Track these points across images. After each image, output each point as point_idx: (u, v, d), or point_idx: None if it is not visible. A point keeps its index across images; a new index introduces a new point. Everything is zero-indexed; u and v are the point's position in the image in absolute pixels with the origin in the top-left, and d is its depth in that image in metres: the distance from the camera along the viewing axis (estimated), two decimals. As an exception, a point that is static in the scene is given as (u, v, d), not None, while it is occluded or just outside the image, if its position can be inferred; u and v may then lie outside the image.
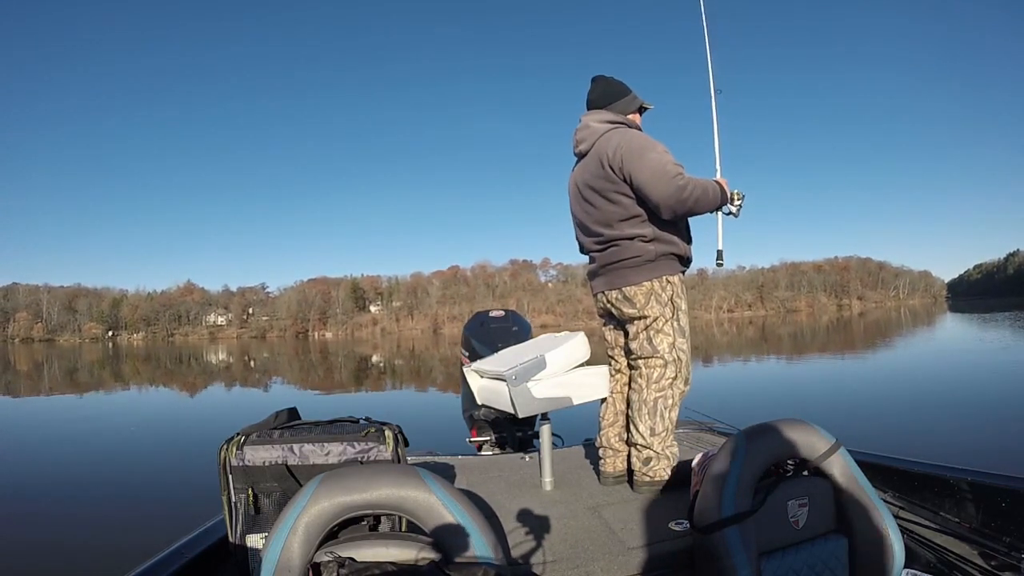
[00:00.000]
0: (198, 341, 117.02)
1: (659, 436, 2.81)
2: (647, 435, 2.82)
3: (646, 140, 2.84)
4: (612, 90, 3.08)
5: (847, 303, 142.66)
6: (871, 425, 8.17)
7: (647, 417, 2.83)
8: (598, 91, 3.09)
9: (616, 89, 3.08)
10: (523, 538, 2.34)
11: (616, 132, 2.92)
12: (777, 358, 22.39)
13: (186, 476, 6.95)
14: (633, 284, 2.87)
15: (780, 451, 1.86)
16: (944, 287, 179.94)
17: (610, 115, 3.01)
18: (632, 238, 2.87)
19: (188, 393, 19.54)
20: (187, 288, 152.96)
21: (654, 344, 2.85)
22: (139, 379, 26.17)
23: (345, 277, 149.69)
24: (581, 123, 3.08)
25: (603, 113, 3.03)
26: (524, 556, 2.18)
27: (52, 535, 5.30)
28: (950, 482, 2.27)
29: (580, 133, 3.07)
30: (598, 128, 2.98)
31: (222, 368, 32.14)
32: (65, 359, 46.68)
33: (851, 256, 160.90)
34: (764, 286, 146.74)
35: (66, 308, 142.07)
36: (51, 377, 28.31)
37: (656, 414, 2.82)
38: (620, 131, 2.92)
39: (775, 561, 1.78)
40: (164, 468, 7.98)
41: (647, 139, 2.85)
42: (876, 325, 41.45)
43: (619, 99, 3.06)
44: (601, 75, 3.13)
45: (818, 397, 11.29)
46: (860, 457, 2.41)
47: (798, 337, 34.21)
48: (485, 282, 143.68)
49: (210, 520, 2.36)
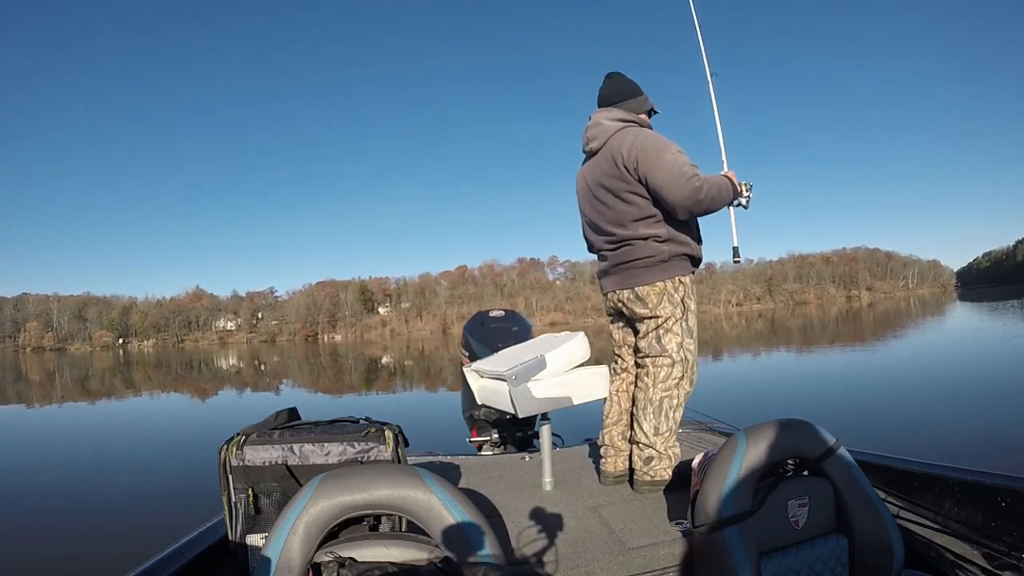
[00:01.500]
0: (208, 346, 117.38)
1: (662, 436, 2.81)
2: (651, 434, 2.82)
3: (661, 140, 2.82)
4: (625, 88, 3.05)
5: (856, 294, 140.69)
6: (873, 424, 8.13)
7: (652, 416, 2.83)
8: (611, 88, 3.07)
9: (629, 87, 3.06)
10: (523, 538, 2.35)
11: (629, 131, 2.89)
12: (783, 352, 22.23)
13: (196, 477, 6.97)
14: (646, 284, 2.87)
15: (780, 451, 1.86)
16: (953, 276, 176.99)
17: (622, 113, 2.98)
18: (646, 238, 2.86)
19: (199, 397, 19.61)
20: (196, 294, 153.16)
21: (663, 343, 2.85)
22: (150, 385, 26.21)
23: (353, 279, 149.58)
24: (592, 120, 3.04)
25: (615, 111, 3.00)
26: (524, 556, 2.18)
27: (52, 535, 5.29)
28: (950, 482, 2.26)
29: (591, 131, 3.03)
30: (610, 126, 2.95)
31: (232, 372, 32.21)
32: (76, 367, 46.87)
33: (859, 247, 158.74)
34: (772, 279, 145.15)
35: (76, 317, 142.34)
36: (62, 385, 28.40)
37: (661, 413, 2.82)
38: (634, 130, 2.90)
39: (775, 561, 1.79)
40: (174, 470, 7.99)
41: (662, 139, 2.83)
42: (885, 316, 41.14)
43: (632, 97, 3.04)
44: (615, 72, 3.10)
45: (821, 395, 11.19)
46: (860, 457, 2.40)
47: (807, 330, 33.91)
48: (493, 281, 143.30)
49: (210, 520, 2.36)
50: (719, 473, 1.82)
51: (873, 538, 1.86)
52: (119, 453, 9.72)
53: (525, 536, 2.37)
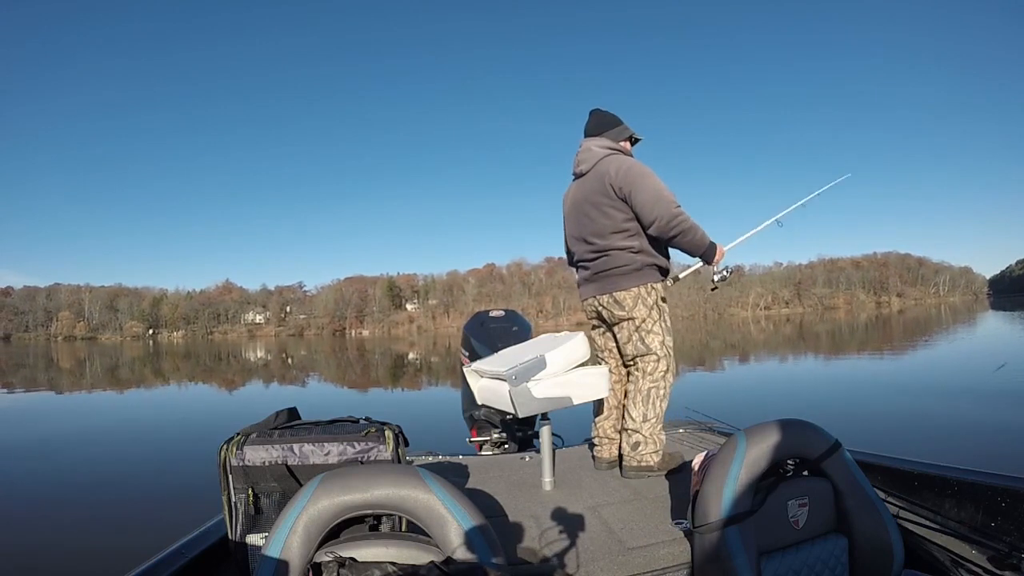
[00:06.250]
0: (237, 339, 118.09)
1: (649, 422, 3.15)
2: (639, 420, 3.16)
3: (644, 167, 3.21)
4: (605, 120, 3.49)
5: (886, 300, 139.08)
6: (877, 426, 8.10)
7: (640, 404, 3.18)
8: (594, 121, 3.50)
9: (608, 120, 3.49)
10: (523, 538, 2.35)
11: (616, 157, 3.30)
12: (801, 357, 21.65)
13: (208, 475, 6.93)
14: (623, 289, 3.24)
15: (780, 451, 1.87)
16: (985, 283, 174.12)
17: (607, 141, 3.40)
18: (622, 249, 3.24)
19: (225, 388, 19.73)
20: (226, 287, 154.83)
21: (647, 343, 3.22)
22: (178, 375, 26.45)
23: (381, 275, 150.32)
24: (583, 147, 3.45)
25: (601, 139, 3.42)
26: (524, 556, 2.19)
27: (54, 534, 5.23)
28: (950, 482, 2.26)
29: (581, 155, 3.44)
30: (598, 152, 3.36)
31: (259, 365, 32.40)
32: (106, 356, 47.12)
33: (890, 252, 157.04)
34: (801, 283, 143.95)
35: (107, 307, 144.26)
36: (92, 373, 28.67)
37: (649, 402, 3.17)
38: (619, 157, 3.31)
39: (775, 561, 1.79)
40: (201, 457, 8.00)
41: (645, 167, 3.22)
42: (915, 323, 40.38)
43: (611, 128, 3.46)
44: (597, 108, 3.53)
45: (825, 397, 11.06)
46: (860, 457, 2.41)
47: (834, 336, 33.24)
48: (521, 279, 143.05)
49: (210, 520, 2.38)
50: (719, 473, 1.82)
51: (873, 538, 1.86)
52: (139, 442, 9.69)
53: (525, 536, 2.38)
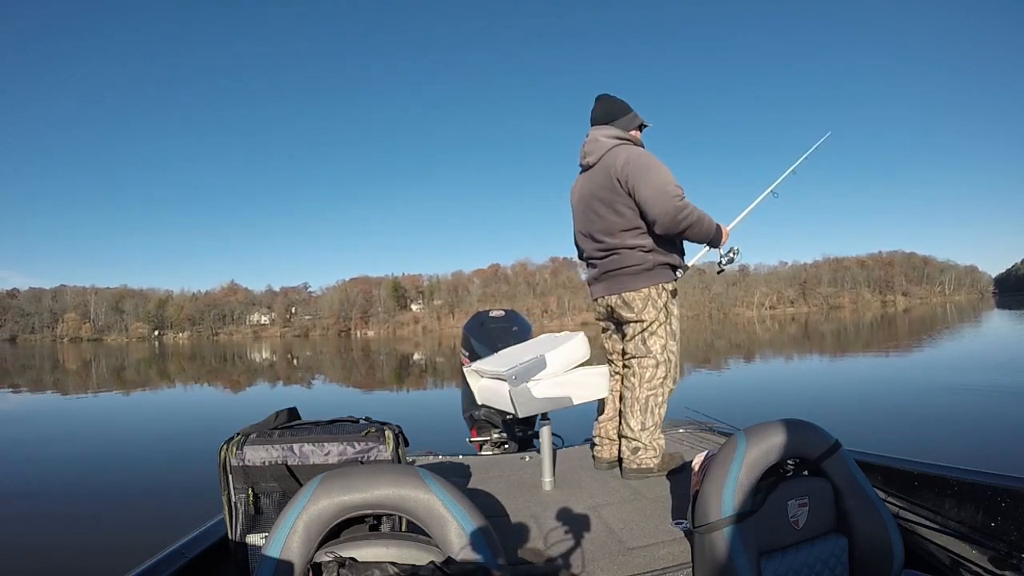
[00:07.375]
0: (242, 340, 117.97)
1: (648, 430, 3.06)
2: (637, 429, 3.07)
3: (651, 159, 3.03)
4: (615, 108, 3.26)
5: (891, 299, 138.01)
6: (878, 426, 8.09)
7: (639, 413, 3.08)
8: (602, 108, 3.27)
9: (618, 107, 3.26)
10: (523, 538, 2.35)
11: (623, 147, 3.10)
12: (803, 356, 21.55)
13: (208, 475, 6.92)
14: (632, 290, 3.10)
15: (780, 451, 1.86)
16: (991, 282, 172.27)
17: (615, 131, 3.19)
18: (633, 248, 3.09)
19: (230, 389, 19.77)
20: (231, 288, 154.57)
21: (647, 345, 3.10)
22: (183, 376, 26.46)
23: (386, 276, 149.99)
24: (589, 137, 3.26)
25: (609, 128, 3.21)
26: (524, 556, 2.19)
27: (54, 534, 5.22)
28: (950, 482, 2.26)
29: (588, 146, 3.24)
30: (606, 143, 3.16)
31: (265, 366, 32.42)
32: (111, 357, 47.26)
33: (895, 251, 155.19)
34: (807, 282, 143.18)
35: (113, 308, 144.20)
36: (98, 374, 28.70)
37: (647, 410, 3.07)
38: (627, 147, 3.11)
39: (775, 561, 1.79)
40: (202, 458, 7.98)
41: (652, 158, 3.04)
42: (920, 322, 40.18)
43: (622, 116, 3.24)
44: (605, 94, 3.30)
45: (826, 397, 10.98)
46: (860, 457, 2.41)
47: (839, 335, 33.05)
48: (526, 280, 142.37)
49: (210, 520, 2.38)
50: (719, 473, 1.82)
51: (873, 538, 1.86)
52: (143, 442, 9.71)
53: (525, 536, 2.38)
